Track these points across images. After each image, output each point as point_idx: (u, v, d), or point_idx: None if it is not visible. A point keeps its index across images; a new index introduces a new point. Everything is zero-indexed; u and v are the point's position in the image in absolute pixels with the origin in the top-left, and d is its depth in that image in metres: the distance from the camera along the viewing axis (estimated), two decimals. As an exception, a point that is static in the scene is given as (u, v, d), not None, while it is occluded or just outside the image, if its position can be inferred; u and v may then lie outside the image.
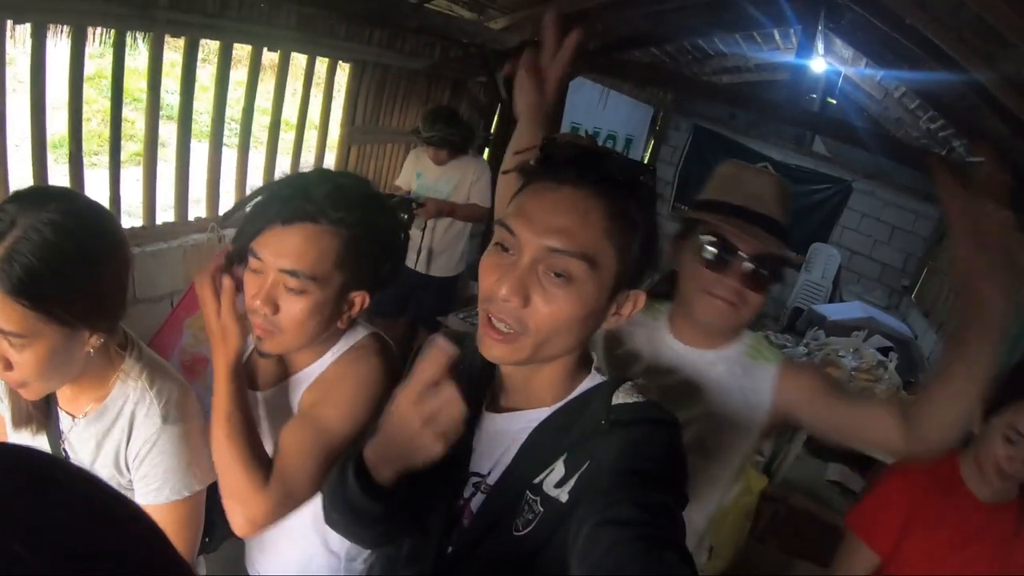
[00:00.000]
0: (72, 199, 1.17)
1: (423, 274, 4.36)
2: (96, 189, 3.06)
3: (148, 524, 0.48)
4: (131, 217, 3.29)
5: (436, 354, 0.89)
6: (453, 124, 4.08)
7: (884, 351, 5.07)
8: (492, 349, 0.98)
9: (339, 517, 1.06)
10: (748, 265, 1.41)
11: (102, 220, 1.19)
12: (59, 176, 2.97)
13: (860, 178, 8.58)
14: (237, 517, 1.26)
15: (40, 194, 1.18)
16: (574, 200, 0.94)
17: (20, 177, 2.80)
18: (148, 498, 1.28)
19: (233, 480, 1.25)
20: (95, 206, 1.20)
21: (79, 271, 1.11)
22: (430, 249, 4.37)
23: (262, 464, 1.26)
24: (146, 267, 3.28)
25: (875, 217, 8.82)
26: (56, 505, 0.41)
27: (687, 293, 1.49)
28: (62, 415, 1.32)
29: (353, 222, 1.24)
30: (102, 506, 0.45)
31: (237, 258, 1.28)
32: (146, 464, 1.28)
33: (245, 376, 1.36)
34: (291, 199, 1.21)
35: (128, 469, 1.31)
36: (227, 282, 1.26)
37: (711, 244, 1.43)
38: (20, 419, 1.31)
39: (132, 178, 3.32)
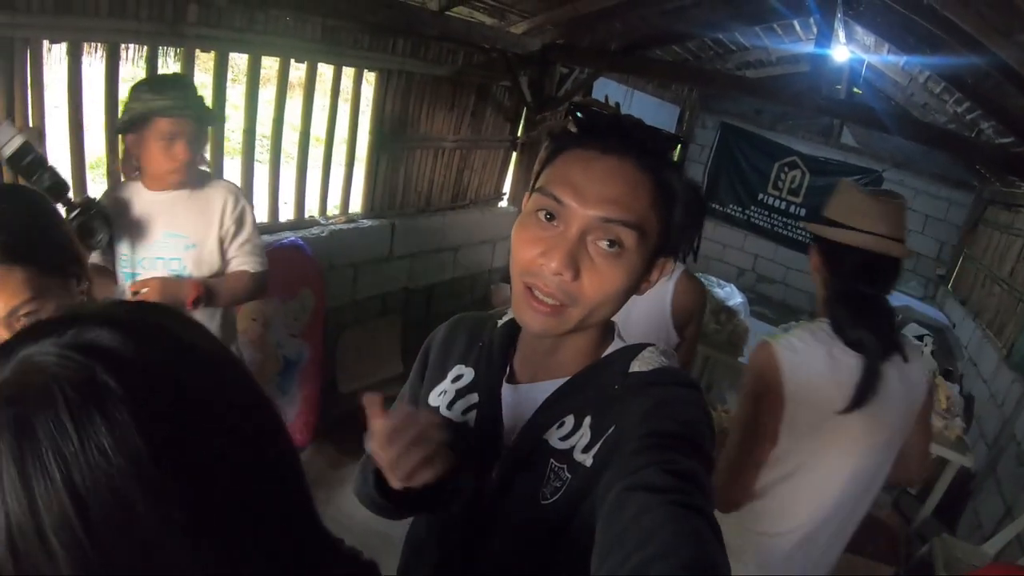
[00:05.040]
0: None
1: None
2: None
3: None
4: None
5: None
6: (194, 94, 2.30)
7: (919, 338, 5.02)
8: (536, 323, 0.95)
9: (365, 500, 1.11)
10: None
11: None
12: (99, 193, 3.07)
13: (890, 167, 8.46)
14: None
15: None
16: (623, 170, 0.93)
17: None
18: None
19: None
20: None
21: (48, 226, 1.33)
22: None
23: None
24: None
25: (907, 207, 8.63)
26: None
27: None
28: None
29: None
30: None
31: None
32: None
33: None
34: None
35: None
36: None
37: None
38: None
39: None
